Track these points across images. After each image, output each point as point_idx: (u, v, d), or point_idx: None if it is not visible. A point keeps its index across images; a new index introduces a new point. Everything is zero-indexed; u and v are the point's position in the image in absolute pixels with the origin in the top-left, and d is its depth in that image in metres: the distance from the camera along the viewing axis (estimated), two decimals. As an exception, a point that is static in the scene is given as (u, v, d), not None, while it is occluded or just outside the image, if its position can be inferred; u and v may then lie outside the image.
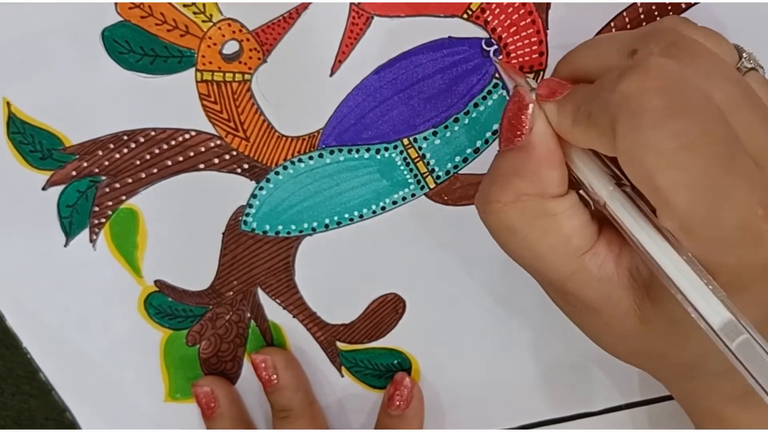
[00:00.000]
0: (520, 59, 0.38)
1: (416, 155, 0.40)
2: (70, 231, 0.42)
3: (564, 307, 0.34)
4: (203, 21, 0.37)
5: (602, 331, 0.33)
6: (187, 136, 0.40)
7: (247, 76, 0.39)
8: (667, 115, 0.27)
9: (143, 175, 0.41)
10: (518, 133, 0.32)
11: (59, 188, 0.41)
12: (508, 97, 0.33)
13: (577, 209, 0.32)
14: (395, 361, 0.45)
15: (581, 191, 0.33)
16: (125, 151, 0.40)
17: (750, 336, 0.27)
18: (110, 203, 0.41)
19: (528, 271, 0.33)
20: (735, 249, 0.28)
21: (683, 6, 0.37)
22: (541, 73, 0.38)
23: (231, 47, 0.38)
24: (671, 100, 0.27)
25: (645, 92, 0.27)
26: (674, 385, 0.36)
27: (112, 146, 0.40)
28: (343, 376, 0.46)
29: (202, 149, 0.40)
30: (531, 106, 0.32)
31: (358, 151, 0.40)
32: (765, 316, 0.30)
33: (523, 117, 0.32)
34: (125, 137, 0.40)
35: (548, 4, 0.37)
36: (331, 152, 0.40)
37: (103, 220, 0.42)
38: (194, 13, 0.37)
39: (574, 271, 0.32)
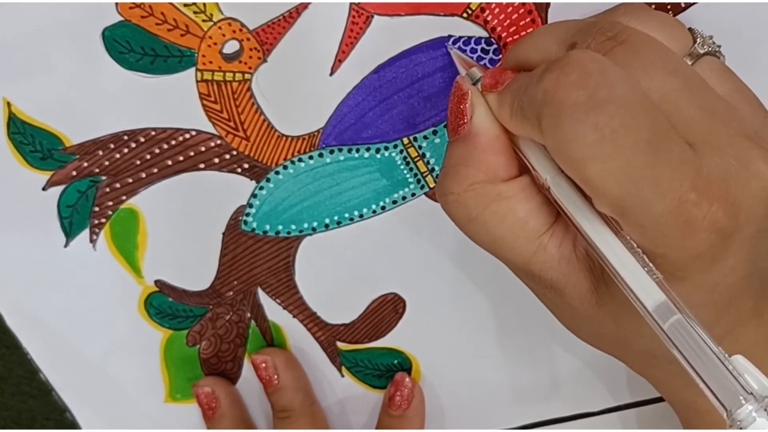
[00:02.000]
0: (520, 58, 0.38)
1: (416, 154, 0.40)
2: (70, 231, 0.42)
3: (533, 288, 0.34)
4: (203, 20, 0.37)
5: (567, 314, 0.34)
6: (187, 135, 0.40)
7: (247, 76, 0.39)
8: (585, 108, 0.27)
9: (143, 175, 0.41)
10: (460, 122, 0.32)
11: (59, 188, 0.41)
12: None
13: (531, 191, 0.32)
14: (395, 361, 0.45)
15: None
16: (125, 150, 0.40)
17: (682, 317, 0.27)
18: (110, 203, 0.41)
19: (495, 256, 0.34)
20: (669, 236, 0.28)
21: (683, 5, 0.37)
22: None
23: (231, 47, 0.38)
24: (590, 93, 0.27)
25: (564, 87, 0.28)
26: (644, 374, 0.36)
27: (112, 146, 0.40)
28: (343, 376, 0.46)
29: (203, 149, 0.40)
30: (469, 94, 0.32)
31: (358, 150, 0.40)
32: (716, 310, 0.30)
33: (462, 107, 0.32)
34: (125, 137, 0.40)
35: (548, 4, 0.37)
36: (331, 152, 0.40)
37: (104, 220, 0.42)
38: (195, 12, 0.37)
39: (533, 252, 0.32)
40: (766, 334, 0.32)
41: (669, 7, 0.37)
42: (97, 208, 0.41)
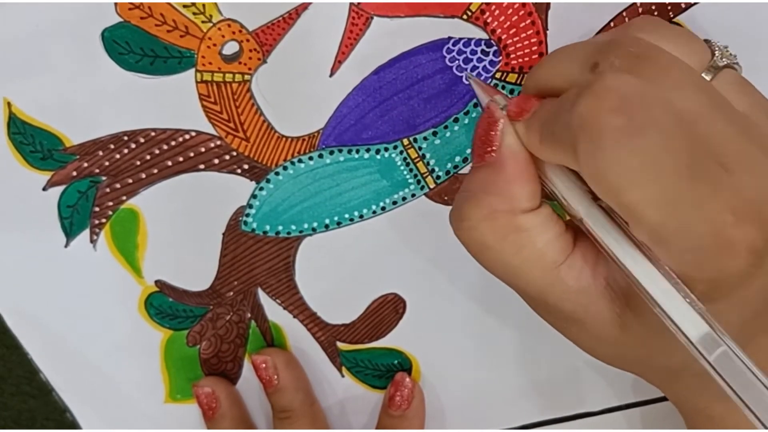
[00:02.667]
0: (520, 60, 0.38)
1: (416, 155, 0.40)
2: (70, 231, 0.42)
3: (546, 318, 0.34)
4: (203, 22, 0.37)
5: (586, 339, 0.34)
6: (187, 136, 0.40)
7: (246, 77, 0.39)
8: (625, 134, 0.27)
9: (143, 176, 0.41)
10: (488, 149, 0.32)
11: (60, 188, 0.41)
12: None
13: (550, 222, 0.32)
14: (395, 361, 0.45)
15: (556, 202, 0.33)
16: (125, 151, 0.40)
17: (728, 348, 0.27)
18: (111, 203, 0.41)
19: (508, 285, 0.33)
20: (709, 259, 0.28)
21: (683, 6, 0.37)
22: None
23: (231, 48, 0.38)
24: (629, 118, 0.27)
25: (602, 113, 0.27)
26: (663, 386, 0.36)
27: (112, 147, 0.40)
28: (343, 376, 0.46)
29: (202, 150, 0.40)
30: (501, 122, 0.32)
31: (358, 151, 0.40)
32: (742, 323, 0.30)
33: (492, 133, 0.32)
34: (125, 138, 0.40)
35: (548, 5, 0.37)
36: (331, 152, 0.40)
37: (104, 220, 0.42)
38: (194, 13, 0.37)
39: (550, 284, 0.32)
40: None
41: (669, 7, 0.37)
42: (97, 209, 0.41)
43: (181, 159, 0.40)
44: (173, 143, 0.40)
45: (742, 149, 0.29)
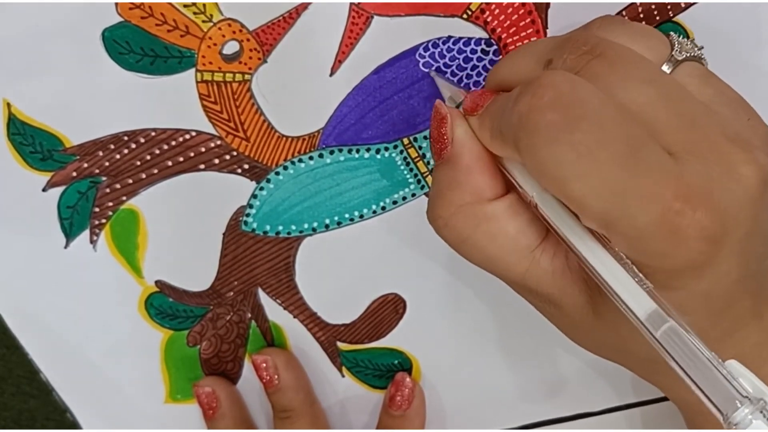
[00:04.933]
0: (520, 59, 0.38)
1: (416, 155, 0.40)
2: (70, 232, 0.42)
3: (532, 302, 0.35)
4: (203, 21, 0.37)
5: (566, 325, 0.34)
6: (187, 136, 0.40)
7: (247, 77, 0.39)
8: (559, 129, 0.27)
9: (144, 176, 0.41)
10: (442, 146, 0.32)
11: (59, 189, 0.41)
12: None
13: (519, 208, 0.32)
14: (396, 361, 0.45)
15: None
16: (125, 151, 0.40)
17: (674, 324, 0.27)
18: (111, 204, 0.41)
19: (492, 275, 0.34)
20: (657, 247, 0.28)
21: (683, 5, 0.37)
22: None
23: (231, 47, 0.38)
24: (564, 112, 0.27)
25: (537, 109, 0.28)
26: (650, 379, 0.36)
27: (112, 147, 0.40)
28: (343, 376, 0.46)
29: (203, 149, 0.40)
30: (448, 117, 0.32)
31: (358, 151, 0.40)
32: (713, 314, 0.30)
33: (443, 130, 0.32)
34: (125, 138, 0.40)
35: (548, 4, 0.37)
36: (331, 152, 0.40)
37: (104, 220, 0.42)
38: (194, 13, 0.37)
39: (527, 268, 0.32)
40: (767, 335, 0.32)
41: (669, 7, 0.37)
42: (97, 209, 0.41)
43: (181, 159, 0.40)
44: (173, 143, 0.40)
45: (691, 137, 0.29)
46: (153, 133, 0.40)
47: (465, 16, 0.37)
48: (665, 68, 0.32)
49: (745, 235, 0.29)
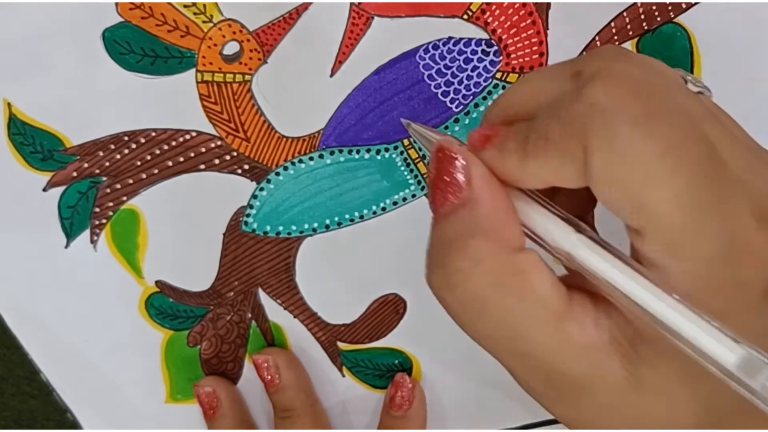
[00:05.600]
0: (521, 60, 0.38)
1: (417, 156, 0.40)
2: (70, 232, 0.42)
3: (547, 393, 0.28)
4: (204, 22, 0.37)
5: (596, 411, 0.27)
6: (187, 136, 0.40)
7: (247, 77, 0.39)
8: (644, 118, 0.24)
9: (144, 176, 0.41)
10: (452, 191, 0.27)
11: (60, 189, 0.41)
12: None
13: (544, 265, 0.26)
14: (396, 361, 0.45)
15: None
16: (126, 151, 0.40)
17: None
18: (111, 204, 0.41)
19: (505, 359, 0.27)
20: (731, 267, 0.24)
21: (683, 6, 0.37)
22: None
23: (231, 48, 0.38)
24: (645, 102, 0.24)
25: (617, 95, 0.24)
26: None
27: (112, 147, 0.40)
28: (344, 376, 0.46)
29: (203, 150, 0.40)
30: (459, 157, 0.27)
31: (358, 151, 0.40)
32: (759, 338, 0.26)
33: (453, 171, 0.27)
34: (126, 138, 0.40)
35: (548, 5, 0.37)
36: (332, 153, 0.40)
37: (104, 220, 0.42)
38: (195, 13, 0.37)
39: (558, 342, 0.26)
40: None
41: (670, 7, 0.37)
42: (97, 209, 0.41)
43: (181, 159, 0.40)
44: (174, 143, 0.40)
45: (748, 154, 0.26)
46: (153, 134, 0.40)
47: (465, 16, 0.37)
48: None
49: None
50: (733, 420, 0.25)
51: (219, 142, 0.40)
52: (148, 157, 0.40)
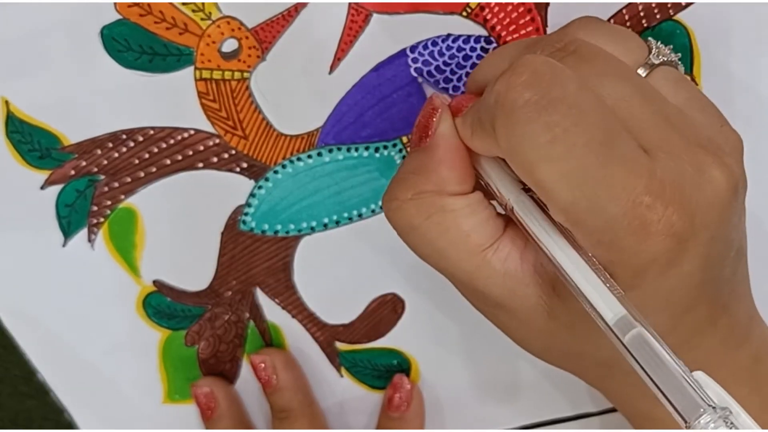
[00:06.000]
0: (520, 57, 0.38)
1: (415, 153, 0.40)
2: (68, 230, 0.42)
3: (477, 305, 0.34)
4: (202, 19, 0.37)
5: (515, 329, 0.34)
6: (185, 134, 0.40)
7: (245, 75, 0.38)
8: (537, 108, 0.27)
9: (142, 174, 0.41)
10: (424, 134, 0.32)
11: (57, 187, 0.41)
12: None
13: (479, 207, 0.32)
14: (394, 362, 0.45)
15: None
16: (124, 150, 0.40)
17: (643, 330, 0.27)
18: (109, 202, 0.41)
19: (438, 271, 0.33)
20: (624, 240, 0.28)
21: (683, 4, 0.37)
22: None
23: (230, 45, 0.38)
24: (541, 92, 0.27)
25: (515, 88, 0.28)
26: (598, 385, 0.35)
27: (110, 145, 0.40)
28: (342, 376, 0.45)
29: (201, 148, 0.40)
30: (439, 110, 0.32)
31: (357, 149, 0.40)
32: (673, 317, 0.30)
33: (430, 121, 0.32)
34: (124, 136, 0.40)
35: (547, 3, 0.37)
36: (330, 151, 0.40)
37: (102, 219, 0.42)
38: (193, 11, 0.37)
39: (477, 267, 0.32)
40: (721, 342, 0.32)
41: (670, 5, 0.37)
42: (95, 208, 0.41)
43: (179, 157, 0.40)
44: (171, 141, 0.40)
45: (665, 136, 0.29)
46: (151, 132, 0.40)
47: (464, 13, 0.37)
48: (641, 71, 0.32)
49: (711, 238, 0.29)
50: (629, 378, 0.29)
51: (217, 140, 0.40)
52: (146, 155, 0.40)
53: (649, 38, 0.33)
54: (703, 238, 0.28)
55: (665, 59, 0.32)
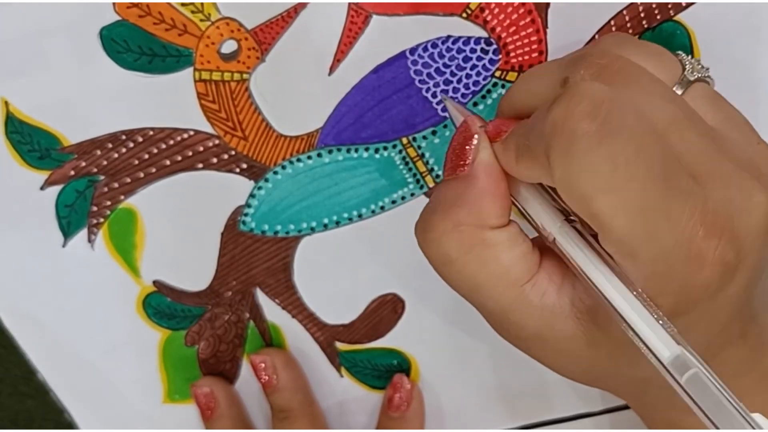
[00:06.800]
0: (520, 58, 0.38)
1: (415, 154, 0.40)
2: (68, 231, 0.42)
3: (507, 336, 0.33)
4: (201, 20, 0.37)
5: (551, 358, 0.33)
6: (185, 135, 0.40)
7: (245, 76, 0.38)
8: (597, 138, 0.27)
9: (141, 175, 0.41)
10: (461, 163, 0.31)
11: (57, 188, 0.41)
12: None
13: (517, 240, 0.31)
14: (394, 362, 0.45)
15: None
16: (123, 150, 0.40)
17: (699, 370, 0.26)
18: (108, 203, 0.41)
19: (470, 303, 0.33)
20: (679, 271, 0.27)
21: (683, 4, 0.37)
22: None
23: (229, 46, 0.38)
24: (602, 122, 0.27)
25: (574, 117, 0.27)
26: (632, 399, 0.36)
27: (110, 146, 0.40)
28: (342, 376, 0.45)
29: (201, 149, 0.40)
30: (476, 137, 0.31)
31: (356, 150, 0.40)
32: (709, 337, 0.30)
33: (467, 147, 0.31)
34: (123, 137, 0.40)
35: (547, 4, 0.37)
36: (330, 152, 0.40)
37: (102, 219, 0.42)
38: (192, 12, 0.37)
39: (514, 300, 0.31)
40: (750, 351, 0.32)
41: (670, 6, 0.37)
42: (95, 208, 0.41)
43: (179, 158, 0.40)
44: (171, 142, 0.40)
45: (714, 162, 0.29)
46: (151, 132, 0.40)
47: (464, 15, 0.37)
48: (677, 90, 0.32)
49: (755, 262, 0.29)
50: (663, 392, 0.29)
51: (217, 141, 0.40)
52: (146, 156, 0.40)
53: (680, 53, 0.33)
54: (750, 262, 0.29)
55: (699, 75, 0.32)
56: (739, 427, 0.26)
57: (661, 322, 0.28)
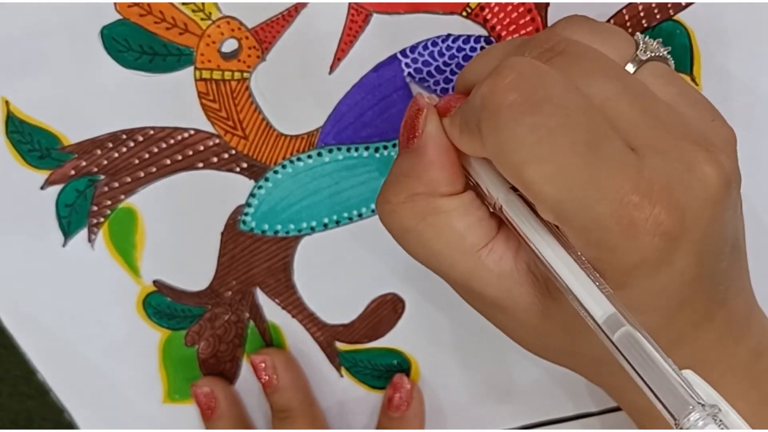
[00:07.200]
0: (520, 57, 0.38)
1: (415, 153, 0.40)
2: (68, 230, 0.42)
3: (474, 305, 0.34)
4: (202, 19, 0.37)
5: (510, 327, 0.34)
6: (185, 134, 0.40)
7: (245, 75, 0.38)
8: (521, 110, 0.27)
9: (142, 174, 0.41)
10: (411, 136, 0.32)
11: (57, 187, 0.41)
12: None
13: (471, 207, 0.32)
14: (394, 362, 0.45)
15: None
16: (124, 150, 0.40)
17: (631, 328, 0.27)
18: (109, 202, 0.41)
19: (434, 272, 0.33)
20: (613, 239, 0.28)
21: (683, 4, 0.37)
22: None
23: (230, 45, 0.38)
24: (526, 94, 0.28)
25: (500, 90, 0.28)
26: (598, 382, 0.36)
27: (110, 145, 0.40)
28: (342, 376, 0.45)
29: (201, 148, 0.40)
30: (424, 110, 0.32)
31: (357, 149, 0.40)
32: (665, 314, 0.30)
33: (417, 121, 0.32)
34: (124, 136, 0.40)
35: (547, 3, 0.37)
36: (330, 151, 0.40)
37: (102, 219, 0.42)
38: (193, 11, 0.37)
39: (472, 267, 0.32)
40: (718, 337, 0.32)
41: (670, 6, 0.37)
42: (95, 208, 0.41)
43: (179, 157, 0.40)
44: (171, 141, 0.40)
45: (654, 134, 0.29)
46: (151, 132, 0.40)
47: (464, 13, 0.37)
48: (629, 67, 0.32)
49: (704, 235, 0.29)
50: (623, 371, 0.28)
51: (217, 140, 0.40)
52: (146, 156, 0.40)
53: (637, 33, 0.33)
54: (695, 235, 0.28)
55: (653, 54, 0.32)
56: (670, 385, 0.26)
57: (597, 284, 0.28)
